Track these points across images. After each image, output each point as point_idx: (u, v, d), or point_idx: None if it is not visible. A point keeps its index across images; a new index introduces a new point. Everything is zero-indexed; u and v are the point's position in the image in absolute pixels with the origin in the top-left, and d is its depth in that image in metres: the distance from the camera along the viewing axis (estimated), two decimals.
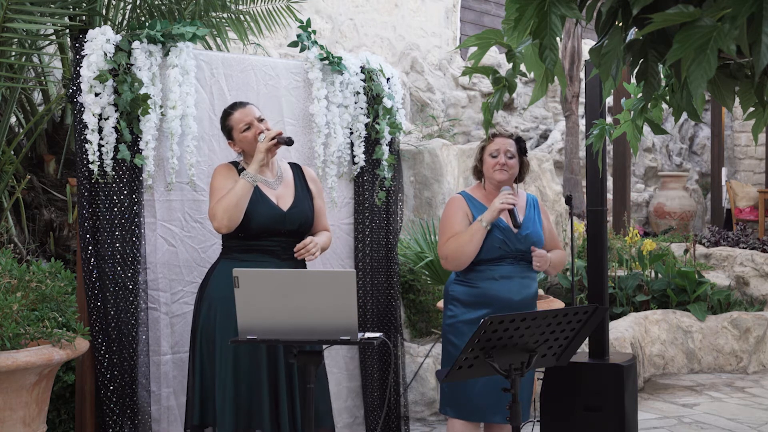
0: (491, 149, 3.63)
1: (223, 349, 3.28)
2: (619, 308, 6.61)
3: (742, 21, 1.62)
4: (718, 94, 2.13)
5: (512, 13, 2.05)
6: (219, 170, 3.42)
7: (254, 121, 3.41)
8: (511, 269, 3.57)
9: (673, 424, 5.11)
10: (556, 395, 3.86)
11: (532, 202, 3.74)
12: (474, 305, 3.54)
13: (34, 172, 4.85)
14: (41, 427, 3.19)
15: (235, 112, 3.44)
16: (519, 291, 3.57)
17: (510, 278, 3.56)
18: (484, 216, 3.51)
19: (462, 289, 3.58)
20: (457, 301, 3.58)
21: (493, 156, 3.62)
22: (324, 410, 3.44)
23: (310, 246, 3.39)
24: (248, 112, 3.43)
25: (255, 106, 3.50)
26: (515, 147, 3.64)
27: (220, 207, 3.26)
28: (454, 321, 3.58)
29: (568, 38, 8.58)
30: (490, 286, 3.53)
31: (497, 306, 3.49)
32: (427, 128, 8.43)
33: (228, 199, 3.26)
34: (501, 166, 3.59)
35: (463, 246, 3.50)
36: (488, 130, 2.57)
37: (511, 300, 3.53)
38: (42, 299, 3.28)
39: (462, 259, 3.52)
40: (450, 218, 3.62)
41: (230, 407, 3.25)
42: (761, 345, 6.60)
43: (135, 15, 4.76)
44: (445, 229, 3.61)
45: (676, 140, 12.08)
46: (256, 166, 3.33)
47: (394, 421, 4.18)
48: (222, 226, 3.27)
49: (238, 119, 3.42)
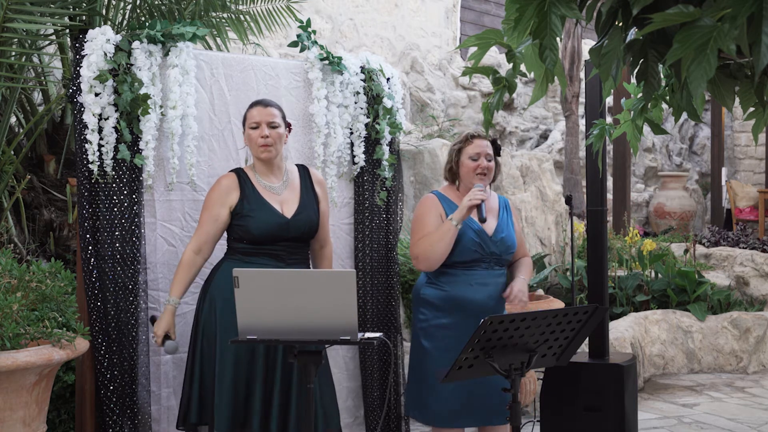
0: (471, 152, 3.56)
1: (223, 348, 3.28)
2: (619, 308, 6.61)
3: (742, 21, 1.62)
4: (718, 94, 2.13)
5: (512, 13, 2.05)
6: (216, 183, 3.44)
7: (263, 124, 3.39)
8: (485, 274, 3.53)
9: (673, 424, 5.11)
10: (556, 395, 3.86)
11: (504, 205, 3.71)
12: (447, 309, 3.51)
13: (34, 172, 4.85)
14: (41, 427, 3.19)
15: (255, 108, 3.42)
16: (493, 296, 3.55)
17: (485, 285, 3.53)
18: (455, 215, 3.46)
19: (434, 293, 3.54)
20: (429, 305, 3.54)
21: (473, 159, 3.56)
22: (332, 411, 3.43)
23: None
24: (265, 112, 3.39)
25: (278, 111, 3.44)
26: (491, 149, 3.61)
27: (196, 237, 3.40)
28: (426, 325, 3.54)
29: (568, 38, 8.58)
30: (466, 291, 3.50)
31: (471, 311, 3.47)
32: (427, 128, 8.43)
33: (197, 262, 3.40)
34: (483, 169, 3.55)
35: (434, 245, 3.46)
36: (488, 130, 2.57)
37: (486, 305, 3.50)
38: (42, 299, 3.27)
39: (433, 259, 3.48)
40: (422, 218, 3.57)
41: (227, 407, 3.25)
42: (761, 345, 6.60)
43: (135, 15, 4.76)
44: (417, 228, 3.56)
45: (676, 140, 12.08)
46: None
47: (394, 421, 4.18)
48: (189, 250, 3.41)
49: (254, 115, 3.40)
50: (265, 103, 3.44)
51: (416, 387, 3.59)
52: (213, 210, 3.36)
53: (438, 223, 3.53)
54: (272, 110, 3.41)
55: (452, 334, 3.49)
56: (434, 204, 3.59)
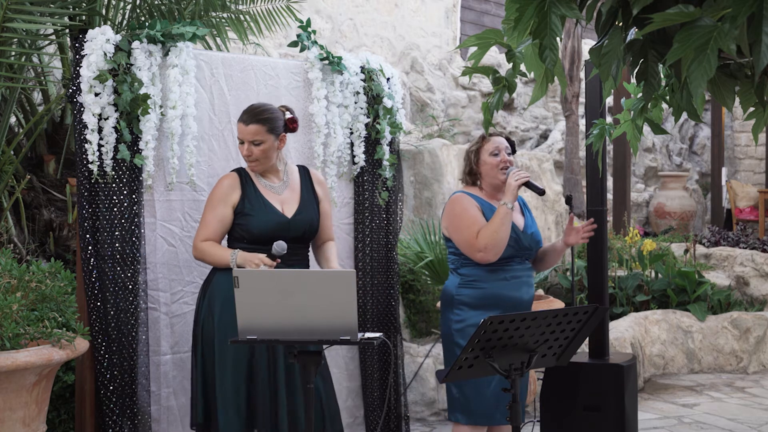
0: (490, 148, 3.57)
1: (222, 349, 3.28)
2: (619, 308, 6.61)
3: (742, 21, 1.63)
4: (718, 94, 2.13)
5: (512, 13, 2.05)
6: (218, 183, 3.43)
7: (246, 142, 3.35)
8: (519, 269, 3.56)
9: (673, 424, 5.11)
10: (556, 395, 3.86)
11: (523, 203, 3.74)
12: (483, 307, 3.50)
13: (34, 172, 4.85)
14: (41, 427, 3.19)
15: (239, 122, 3.37)
16: (527, 291, 3.57)
17: (519, 278, 3.55)
18: (506, 197, 3.46)
19: (470, 292, 3.53)
20: (465, 305, 3.52)
21: (494, 155, 3.58)
22: (334, 412, 3.43)
23: None
24: (245, 132, 3.35)
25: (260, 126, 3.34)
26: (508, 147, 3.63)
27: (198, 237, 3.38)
28: (463, 325, 3.51)
29: (568, 38, 8.58)
30: (503, 287, 3.51)
31: (506, 306, 3.47)
32: (427, 128, 8.43)
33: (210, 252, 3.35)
34: (505, 163, 3.57)
35: (497, 232, 3.43)
36: (488, 130, 2.57)
37: (521, 300, 3.52)
38: (42, 299, 3.27)
39: (500, 245, 3.45)
40: (466, 213, 3.53)
41: (232, 408, 3.25)
42: (761, 345, 6.60)
43: (135, 15, 4.76)
44: (467, 224, 3.50)
45: (676, 140, 12.07)
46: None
47: (394, 421, 4.18)
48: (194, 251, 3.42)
49: (238, 129, 3.39)
50: (246, 121, 3.35)
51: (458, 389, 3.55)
52: (217, 210, 3.36)
53: (480, 215, 3.53)
54: (252, 128, 3.33)
55: None
56: (468, 199, 3.58)
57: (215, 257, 3.33)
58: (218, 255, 3.32)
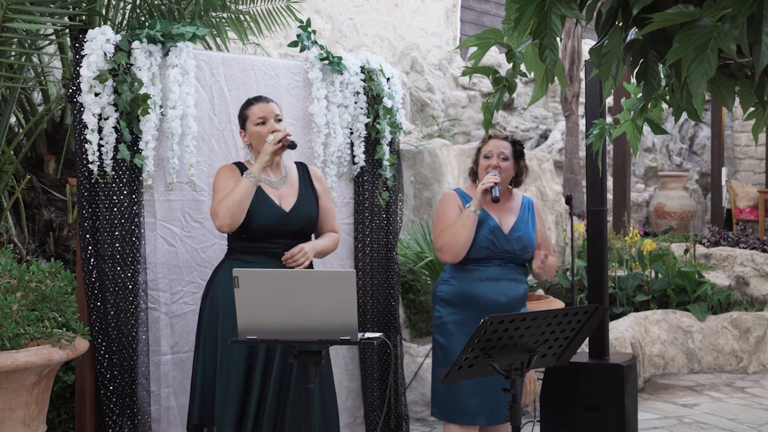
0: (485, 150, 3.64)
1: (224, 349, 3.27)
2: (619, 308, 6.61)
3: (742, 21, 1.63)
4: (718, 94, 2.13)
5: (512, 13, 2.05)
6: (222, 170, 3.42)
7: (271, 119, 3.39)
8: (498, 271, 3.56)
9: (673, 424, 5.11)
10: (556, 395, 3.86)
11: (527, 205, 3.74)
12: (459, 306, 3.54)
13: (34, 172, 4.85)
14: (41, 427, 3.19)
15: (255, 105, 3.42)
16: (505, 293, 3.56)
17: (496, 280, 3.55)
18: (471, 202, 3.53)
19: (448, 289, 3.58)
20: (444, 302, 3.59)
21: (486, 157, 3.62)
22: (333, 413, 3.43)
23: (298, 255, 3.36)
24: (268, 108, 3.41)
25: (277, 105, 3.47)
26: (510, 149, 3.63)
27: (222, 206, 3.25)
28: (440, 322, 3.59)
29: (568, 38, 8.58)
30: (476, 287, 3.53)
31: (483, 307, 3.49)
32: (427, 128, 8.43)
33: (231, 198, 3.25)
34: (493, 168, 3.59)
35: (456, 234, 3.49)
36: (488, 130, 2.57)
37: (497, 302, 3.52)
38: (42, 299, 3.27)
39: (457, 247, 3.50)
40: (443, 211, 3.62)
41: (232, 407, 3.25)
42: (761, 345, 6.60)
43: (135, 15, 4.76)
44: (439, 221, 3.62)
45: (676, 140, 12.07)
46: (260, 166, 3.31)
47: (394, 421, 4.18)
48: (224, 225, 3.26)
49: (256, 112, 3.40)
50: (266, 99, 3.45)
51: (437, 385, 3.59)
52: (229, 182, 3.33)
53: (458, 215, 3.56)
54: (273, 105, 3.44)
55: (466, 330, 3.50)
56: (454, 199, 3.64)
57: (236, 195, 3.25)
58: (237, 192, 3.26)
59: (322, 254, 3.53)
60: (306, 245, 3.39)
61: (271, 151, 3.31)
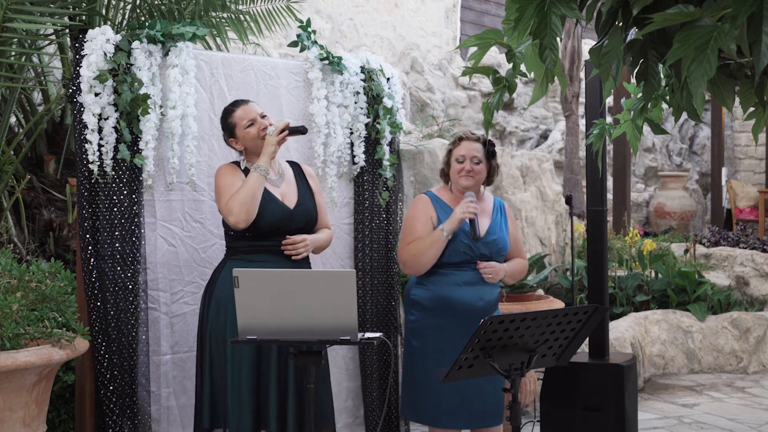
0: (457, 154, 3.60)
1: (234, 349, 3.27)
2: (619, 308, 6.61)
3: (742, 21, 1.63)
4: (718, 94, 2.13)
5: (512, 13, 2.05)
6: (223, 169, 3.42)
7: (257, 118, 3.42)
8: (474, 275, 3.55)
9: (673, 424, 5.11)
10: (556, 395, 3.86)
11: (499, 207, 3.72)
12: (435, 310, 3.53)
13: (34, 172, 4.85)
14: (41, 427, 3.19)
15: (237, 109, 3.44)
16: (482, 296, 3.55)
17: (473, 285, 3.54)
18: (445, 226, 3.49)
19: (423, 293, 3.57)
20: (419, 306, 3.57)
21: (458, 161, 3.59)
22: (328, 409, 3.44)
23: (300, 245, 3.37)
24: (250, 109, 3.44)
25: (256, 103, 3.51)
26: (482, 152, 3.60)
27: (235, 201, 3.25)
28: (415, 326, 3.58)
29: (568, 38, 8.58)
30: (452, 292, 3.51)
31: (460, 311, 3.49)
32: (427, 128, 8.43)
33: (243, 192, 3.26)
34: (467, 173, 3.56)
35: (422, 253, 3.50)
36: (488, 130, 2.57)
37: (474, 306, 3.51)
38: (42, 299, 3.27)
39: (420, 266, 3.52)
40: (413, 220, 3.60)
41: (245, 408, 3.24)
42: (761, 345, 6.60)
43: (135, 15, 4.76)
44: (407, 231, 3.60)
45: (676, 140, 12.07)
46: (267, 158, 3.33)
47: (394, 421, 4.18)
48: (240, 220, 3.25)
49: (241, 116, 3.42)
50: (244, 101, 3.49)
51: (410, 387, 3.61)
52: (234, 179, 3.35)
53: (428, 226, 3.54)
54: (253, 104, 3.48)
55: (442, 334, 3.51)
56: (426, 206, 3.61)
57: (248, 189, 3.26)
58: (248, 186, 3.26)
59: (319, 249, 3.56)
60: (309, 237, 3.43)
61: (275, 141, 3.34)
